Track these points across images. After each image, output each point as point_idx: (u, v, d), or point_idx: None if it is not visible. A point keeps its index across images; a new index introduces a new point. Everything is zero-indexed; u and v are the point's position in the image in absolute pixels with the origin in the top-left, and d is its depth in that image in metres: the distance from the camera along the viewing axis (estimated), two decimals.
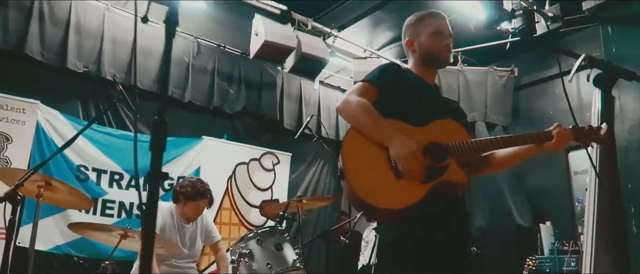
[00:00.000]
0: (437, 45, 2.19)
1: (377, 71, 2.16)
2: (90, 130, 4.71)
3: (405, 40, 2.28)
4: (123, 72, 5.25)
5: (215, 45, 6.06)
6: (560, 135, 2.02)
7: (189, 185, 3.63)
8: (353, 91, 2.11)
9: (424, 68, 2.25)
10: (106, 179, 4.71)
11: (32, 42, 4.67)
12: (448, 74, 6.91)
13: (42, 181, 2.73)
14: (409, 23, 2.30)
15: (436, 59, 2.22)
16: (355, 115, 2.03)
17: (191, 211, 3.63)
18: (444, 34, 2.21)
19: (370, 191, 1.88)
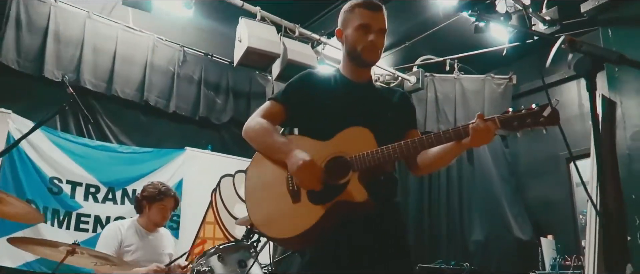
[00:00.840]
0: (361, 41, 1.94)
1: (285, 86, 2.05)
2: (65, 141, 4.54)
3: (336, 30, 2.08)
4: (104, 81, 5.09)
5: (202, 53, 5.90)
6: (478, 129, 1.69)
7: (150, 188, 3.46)
8: (257, 113, 2.02)
9: (352, 67, 2.03)
10: (81, 192, 4.51)
11: (8, 50, 4.52)
12: (444, 83, 6.70)
13: None
14: (343, 11, 2.06)
15: (359, 57, 1.97)
16: (254, 138, 1.95)
17: (157, 215, 3.42)
18: (371, 28, 1.94)
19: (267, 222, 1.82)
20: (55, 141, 4.47)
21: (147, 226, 3.48)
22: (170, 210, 3.51)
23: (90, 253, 2.69)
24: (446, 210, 6.28)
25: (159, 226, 3.54)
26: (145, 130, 5.41)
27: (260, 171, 1.91)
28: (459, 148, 1.80)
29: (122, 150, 4.88)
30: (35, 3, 4.74)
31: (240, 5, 5.05)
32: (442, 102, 6.61)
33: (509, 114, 1.71)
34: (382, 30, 1.98)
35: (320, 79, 2.06)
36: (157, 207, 3.41)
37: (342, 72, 2.07)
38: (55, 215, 4.32)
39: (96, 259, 2.72)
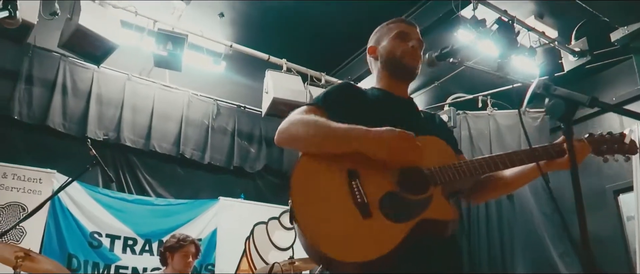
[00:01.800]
0: (400, 47, 1.82)
1: (324, 93, 1.78)
2: (105, 196, 4.80)
3: (368, 48, 1.94)
4: (142, 137, 5.38)
5: (234, 105, 6.14)
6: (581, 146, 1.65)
7: (170, 239, 3.65)
8: (293, 114, 1.68)
9: (390, 80, 1.86)
10: (120, 245, 4.72)
11: (54, 115, 4.90)
12: (477, 120, 6.60)
13: (20, 252, 2.71)
14: (374, 32, 1.97)
15: (400, 65, 1.82)
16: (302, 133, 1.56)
17: (180, 263, 3.56)
18: (409, 36, 1.85)
19: (330, 240, 1.40)
20: (96, 197, 4.74)
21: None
22: (192, 256, 3.63)
23: None
24: (487, 246, 6.06)
25: None
26: (182, 182, 5.63)
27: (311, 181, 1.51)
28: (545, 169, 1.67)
29: (158, 203, 5.09)
30: (80, 70, 5.14)
31: (266, 58, 5.28)
32: (477, 139, 6.49)
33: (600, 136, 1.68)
34: (420, 42, 1.87)
35: (360, 90, 1.83)
36: (179, 255, 3.56)
37: (380, 86, 1.88)
38: (95, 267, 4.53)
39: None
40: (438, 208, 1.48)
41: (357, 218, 1.43)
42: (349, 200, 1.46)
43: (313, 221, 1.44)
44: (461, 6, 4.57)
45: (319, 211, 1.45)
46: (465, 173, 1.56)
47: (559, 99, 1.49)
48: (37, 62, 4.90)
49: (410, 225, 1.43)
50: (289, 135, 1.61)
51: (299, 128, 1.58)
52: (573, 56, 5.13)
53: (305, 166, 1.54)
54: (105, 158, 5.18)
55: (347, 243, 1.40)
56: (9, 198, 4.33)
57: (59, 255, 4.35)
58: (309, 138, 1.55)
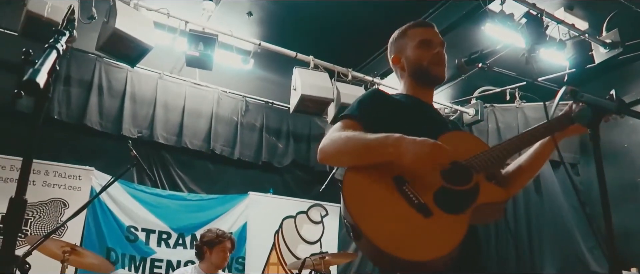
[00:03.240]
0: (426, 56, 1.86)
1: (357, 102, 1.81)
2: (140, 192, 4.98)
3: (391, 58, 1.98)
4: (174, 134, 5.54)
5: (262, 102, 6.25)
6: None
7: (208, 234, 3.75)
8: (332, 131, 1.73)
9: (417, 88, 1.91)
10: (155, 239, 4.90)
11: (91, 114, 5.09)
12: (505, 113, 6.56)
13: (67, 247, 2.88)
14: (393, 39, 2.00)
15: (427, 73, 1.87)
16: (341, 149, 1.62)
17: (219, 257, 3.69)
18: (432, 42, 1.89)
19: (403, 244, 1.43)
20: (132, 193, 4.92)
21: (209, 269, 3.74)
22: (229, 252, 3.76)
23: None
24: (515, 235, 6.04)
25: (219, 268, 3.79)
26: (213, 177, 5.78)
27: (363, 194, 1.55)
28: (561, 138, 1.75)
29: (191, 198, 5.26)
30: (114, 70, 5.32)
31: (294, 55, 5.36)
32: (505, 133, 6.45)
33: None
34: (442, 43, 1.91)
35: (390, 97, 1.89)
36: (217, 250, 3.68)
37: (408, 93, 1.93)
38: (132, 260, 4.72)
39: None
40: (489, 192, 1.58)
41: (419, 219, 1.49)
42: (405, 204, 1.51)
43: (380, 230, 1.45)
44: (488, 0, 4.55)
45: (382, 220, 1.48)
46: (498, 156, 1.64)
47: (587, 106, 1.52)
48: (75, 63, 5.09)
49: (469, 214, 1.52)
50: (332, 154, 1.66)
51: (339, 146, 1.63)
52: (604, 48, 5.05)
53: (352, 181, 1.57)
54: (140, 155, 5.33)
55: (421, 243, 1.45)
56: (51, 195, 4.55)
57: (98, 249, 4.55)
58: (350, 153, 1.60)
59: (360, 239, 1.48)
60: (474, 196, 1.56)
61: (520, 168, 1.85)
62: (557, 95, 1.62)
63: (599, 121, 1.50)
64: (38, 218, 4.49)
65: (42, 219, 4.51)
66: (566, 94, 1.57)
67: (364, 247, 1.49)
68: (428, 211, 1.50)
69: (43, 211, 4.53)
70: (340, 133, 1.66)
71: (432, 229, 1.48)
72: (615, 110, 1.47)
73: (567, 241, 5.61)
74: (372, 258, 1.51)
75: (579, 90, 1.56)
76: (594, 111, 1.49)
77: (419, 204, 1.50)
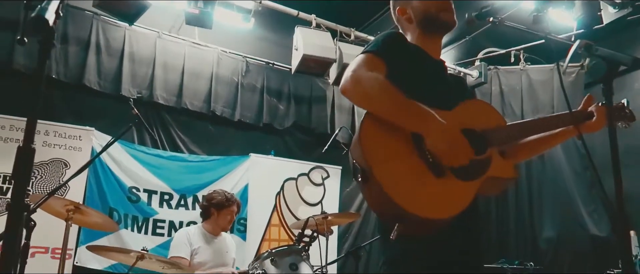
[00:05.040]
0: (434, 3, 1.79)
1: (380, 40, 1.72)
2: (141, 153, 4.96)
3: (397, 10, 1.88)
4: (174, 95, 5.48)
5: (263, 63, 6.15)
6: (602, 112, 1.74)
7: (217, 196, 3.74)
8: (360, 65, 1.61)
9: (425, 39, 1.82)
10: (157, 199, 4.91)
11: (90, 73, 5.01)
12: (509, 75, 6.48)
13: (71, 205, 2.87)
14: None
15: (437, 21, 1.79)
16: (373, 96, 1.54)
17: (225, 220, 3.72)
18: None
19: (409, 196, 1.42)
20: (133, 153, 4.90)
21: (213, 230, 3.76)
22: (235, 215, 3.77)
23: (158, 259, 2.97)
24: (515, 203, 6.08)
25: (225, 230, 3.82)
26: (214, 139, 5.75)
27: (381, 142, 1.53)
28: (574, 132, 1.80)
29: (192, 159, 5.24)
30: (112, 28, 5.21)
31: (295, 14, 5.24)
32: (508, 95, 6.40)
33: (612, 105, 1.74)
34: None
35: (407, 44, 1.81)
36: (225, 213, 3.70)
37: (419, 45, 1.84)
38: (134, 221, 4.75)
39: (163, 263, 3.00)
40: (500, 167, 1.61)
41: (431, 177, 1.49)
42: (419, 160, 1.51)
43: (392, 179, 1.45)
44: None
45: (394, 170, 1.47)
46: (515, 135, 1.68)
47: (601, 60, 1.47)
48: (71, 21, 4.97)
49: (479, 183, 1.55)
50: (363, 95, 1.58)
51: (374, 90, 1.54)
52: (613, 8, 4.93)
53: (372, 125, 1.54)
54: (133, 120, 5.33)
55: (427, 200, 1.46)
56: (52, 155, 4.53)
57: (101, 209, 4.54)
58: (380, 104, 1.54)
59: (367, 182, 1.46)
60: (485, 167, 1.58)
61: (528, 145, 1.86)
62: (571, 49, 1.57)
63: (613, 76, 1.46)
64: (40, 177, 4.49)
65: (43, 179, 4.50)
66: (580, 48, 1.52)
67: (371, 191, 1.47)
68: (441, 171, 1.50)
69: (44, 171, 4.52)
70: (376, 75, 1.57)
71: (441, 191, 1.49)
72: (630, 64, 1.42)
73: (567, 204, 5.63)
74: (376, 203, 1.51)
75: (593, 44, 1.50)
76: (609, 65, 1.44)
77: (433, 163, 1.50)
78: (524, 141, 1.84)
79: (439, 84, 1.75)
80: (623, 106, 1.87)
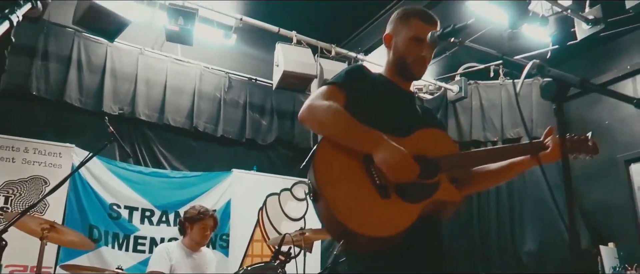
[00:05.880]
0: (412, 54, 1.89)
1: (344, 72, 1.88)
2: (123, 169, 4.95)
3: (385, 34, 1.98)
4: (156, 111, 5.49)
5: (246, 78, 6.20)
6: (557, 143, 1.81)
7: (191, 210, 3.77)
8: (317, 96, 1.78)
9: (396, 76, 1.95)
10: (138, 216, 4.89)
11: (71, 90, 5.01)
12: (489, 89, 6.59)
13: (46, 224, 2.87)
14: (395, 16, 1.99)
15: (406, 68, 1.91)
16: (325, 121, 1.69)
17: (199, 234, 3.71)
18: (424, 42, 1.88)
19: (354, 215, 1.54)
20: (114, 170, 4.90)
21: (191, 246, 3.76)
22: (210, 229, 3.79)
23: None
24: (496, 217, 6.14)
25: (201, 245, 3.82)
26: (196, 154, 5.76)
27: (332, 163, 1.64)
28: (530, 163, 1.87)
29: (174, 175, 5.24)
30: (94, 45, 5.22)
31: (276, 30, 5.30)
32: (488, 109, 6.50)
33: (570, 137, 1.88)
34: (433, 46, 1.94)
35: (374, 77, 1.94)
36: (198, 227, 3.70)
37: (387, 76, 1.98)
38: (115, 238, 4.72)
39: None
40: (447, 191, 1.71)
41: (376, 198, 1.60)
42: (368, 181, 1.62)
43: (339, 199, 1.57)
44: None
45: (342, 190, 1.59)
46: (466, 162, 1.78)
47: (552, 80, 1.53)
48: (53, 38, 4.98)
49: (423, 205, 1.64)
50: (316, 121, 1.74)
51: (327, 117, 1.69)
52: (587, 24, 5.04)
53: (326, 149, 1.67)
54: (121, 132, 5.29)
55: (370, 220, 1.57)
56: (31, 172, 4.51)
57: (81, 226, 4.54)
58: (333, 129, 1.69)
59: (318, 202, 1.60)
60: (432, 191, 1.68)
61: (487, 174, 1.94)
62: (525, 69, 1.63)
63: (563, 96, 1.51)
64: (19, 195, 4.46)
65: (22, 197, 4.47)
66: (533, 69, 1.58)
67: (320, 210, 1.62)
68: (386, 193, 1.62)
69: (23, 189, 4.50)
70: (330, 103, 1.71)
71: (384, 211, 1.60)
72: (578, 85, 1.48)
73: (547, 216, 5.70)
74: (325, 221, 1.63)
75: (546, 65, 1.56)
76: (559, 86, 1.50)
77: (380, 185, 1.62)
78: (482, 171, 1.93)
79: (399, 113, 1.85)
80: (586, 139, 1.90)
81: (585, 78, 1.49)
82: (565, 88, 1.51)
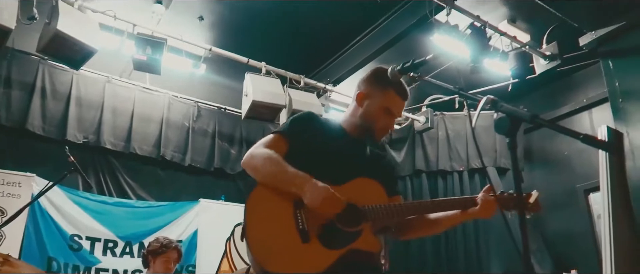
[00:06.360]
0: (381, 122, 2.01)
1: (289, 121, 1.99)
2: (85, 199, 4.83)
3: (358, 92, 2.05)
4: (122, 139, 5.41)
5: (215, 107, 6.20)
6: (487, 201, 1.87)
7: (154, 243, 3.70)
8: (260, 144, 1.91)
9: (356, 128, 2.05)
10: (100, 247, 4.76)
11: (34, 118, 4.91)
12: (454, 121, 6.76)
13: None
14: (372, 78, 2.07)
15: (371, 132, 2.03)
16: (259, 167, 1.81)
17: (162, 267, 3.63)
18: (394, 116, 2.04)
19: (271, 256, 1.67)
20: (75, 200, 4.77)
21: None
22: (174, 262, 3.70)
23: None
24: (464, 246, 6.22)
25: None
26: (163, 183, 5.67)
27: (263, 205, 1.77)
28: (462, 218, 1.95)
29: (139, 205, 5.14)
30: (59, 72, 5.15)
31: (245, 61, 5.35)
32: (454, 140, 6.65)
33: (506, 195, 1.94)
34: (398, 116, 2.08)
35: (322, 124, 2.05)
36: (161, 260, 3.62)
37: (342, 125, 2.08)
38: (75, 270, 4.57)
39: None
40: (366, 241, 1.77)
41: (297, 241, 1.71)
42: (292, 225, 1.74)
43: (260, 239, 1.71)
44: (435, 11, 4.68)
45: (266, 232, 1.73)
46: (394, 214, 1.84)
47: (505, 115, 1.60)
48: (16, 65, 4.90)
49: (340, 252, 1.72)
50: (252, 167, 1.86)
51: (259, 164, 1.83)
52: (544, 60, 5.28)
53: (260, 191, 1.81)
54: (85, 161, 5.19)
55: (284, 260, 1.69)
56: None
57: (39, 259, 4.38)
58: (266, 175, 1.81)
59: (243, 240, 1.73)
60: (352, 239, 1.75)
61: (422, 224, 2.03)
62: (479, 104, 1.71)
63: (516, 130, 1.59)
64: None
65: None
66: (487, 104, 1.66)
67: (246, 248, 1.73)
68: (307, 237, 1.72)
69: None
70: (265, 151, 1.85)
71: (302, 255, 1.70)
72: (529, 120, 1.56)
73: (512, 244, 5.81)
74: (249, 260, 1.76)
75: (499, 100, 1.64)
76: (511, 121, 1.58)
77: (302, 229, 1.73)
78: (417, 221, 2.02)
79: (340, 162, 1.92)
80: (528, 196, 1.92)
81: (535, 114, 1.57)
82: (517, 123, 1.59)
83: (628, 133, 4.56)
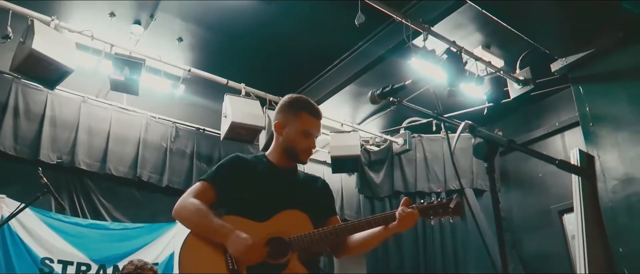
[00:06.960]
0: (302, 144, 2.13)
1: (215, 168, 2.12)
2: (57, 221, 4.71)
3: (275, 122, 2.19)
4: (98, 160, 5.31)
5: (193, 128, 6.15)
6: (404, 215, 1.96)
7: (129, 266, 3.62)
8: (189, 193, 2.06)
9: (283, 158, 2.17)
10: (72, 270, 4.62)
11: (5, 137, 4.79)
12: (432, 143, 6.85)
13: None
14: (285, 106, 2.21)
15: (296, 157, 2.16)
16: (188, 218, 1.99)
17: None
18: (313, 135, 2.15)
19: None
20: (47, 221, 4.64)
21: None
22: None
23: None
24: (442, 266, 6.25)
25: None
26: (140, 205, 5.56)
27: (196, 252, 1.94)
28: (386, 233, 2.01)
29: (114, 227, 5.03)
30: (33, 92, 5.06)
31: (225, 82, 5.34)
32: (431, 162, 6.73)
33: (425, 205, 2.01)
34: (318, 136, 2.20)
35: (248, 163, 2.16)
36: None
37: (269, 158, 2.19)
38: None
39: None
40: (293, 270, 1.91)
41: None
42: (223, 266, 1.89)
43: None
44: (413, 36, 4.77)
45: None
46: (317, 240, 1.95)
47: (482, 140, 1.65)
48: None
49: None
50: (181, 217, 2.03)
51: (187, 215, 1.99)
52: (518, 84, 5.43)
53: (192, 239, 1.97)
54: (59, 182, 5.07)
55: None
56: None
57: None
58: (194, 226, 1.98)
59: None
60: (281, 270, 1.90)
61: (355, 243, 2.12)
62: (459, 128, 1.76)
63: (494, 154, 1.63)
64: None
65: None
66: (465, 129, 1.71)
67: None
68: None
69: None
70: (193, 201, 1.99)
71: None
72: (506, 145, 1.60)
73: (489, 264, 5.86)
74: None
75: (476, 126, 1.69)
76: (489, 145, 1.62)
77: (232, 269, 1.88)
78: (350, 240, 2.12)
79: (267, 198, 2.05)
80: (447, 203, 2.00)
81: (512, 140, 1.62)
82: (494, 148, 1.63)
83: (599, 156, 4.68)
